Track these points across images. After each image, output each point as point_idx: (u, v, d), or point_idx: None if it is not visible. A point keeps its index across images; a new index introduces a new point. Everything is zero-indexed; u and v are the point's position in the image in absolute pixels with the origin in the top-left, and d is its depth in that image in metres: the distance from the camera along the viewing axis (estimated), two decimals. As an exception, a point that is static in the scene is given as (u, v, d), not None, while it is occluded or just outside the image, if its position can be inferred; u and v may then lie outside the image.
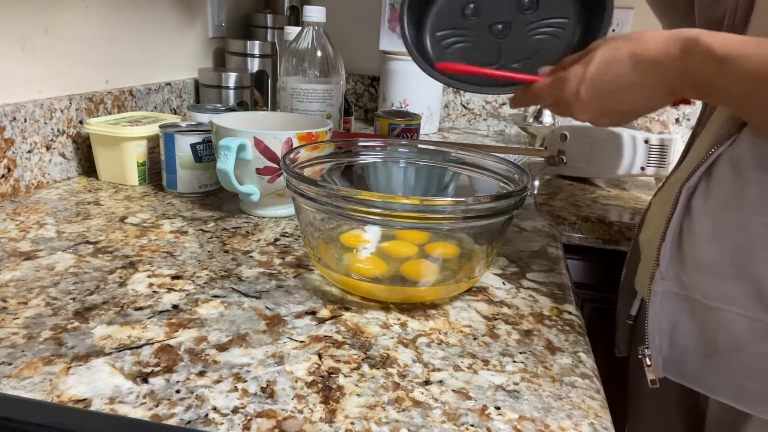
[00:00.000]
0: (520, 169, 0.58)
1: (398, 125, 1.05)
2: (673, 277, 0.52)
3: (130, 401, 0.38)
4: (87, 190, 0.78)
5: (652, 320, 0.52)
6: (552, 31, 0.69)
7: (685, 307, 0.51)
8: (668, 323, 0.52)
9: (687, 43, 0.45)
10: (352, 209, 0.49)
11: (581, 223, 0.83)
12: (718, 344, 0.49)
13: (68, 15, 0.82)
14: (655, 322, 0.52)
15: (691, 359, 0.51)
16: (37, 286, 0.52)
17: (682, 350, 0.52)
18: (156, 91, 1.01)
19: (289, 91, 0.93)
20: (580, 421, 0.40)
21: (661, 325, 0.52)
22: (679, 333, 0.52)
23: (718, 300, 0.48)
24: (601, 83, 0.50)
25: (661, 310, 0.52)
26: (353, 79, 1.56)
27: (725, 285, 0.48)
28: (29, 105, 0.74)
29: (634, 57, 0.48)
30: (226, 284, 0.55)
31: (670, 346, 0.52)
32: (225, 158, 0.65)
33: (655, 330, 0.52)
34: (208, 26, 1.21)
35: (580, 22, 0.68)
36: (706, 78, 0.45)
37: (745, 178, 0.47)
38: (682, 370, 0.52)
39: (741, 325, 0.47)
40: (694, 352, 0.51)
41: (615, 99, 0.51)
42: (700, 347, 0.51)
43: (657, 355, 0.53)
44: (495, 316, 0.53)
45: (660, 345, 0.53)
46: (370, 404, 0.40)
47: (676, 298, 0.51)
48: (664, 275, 0.52)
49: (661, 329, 0.52)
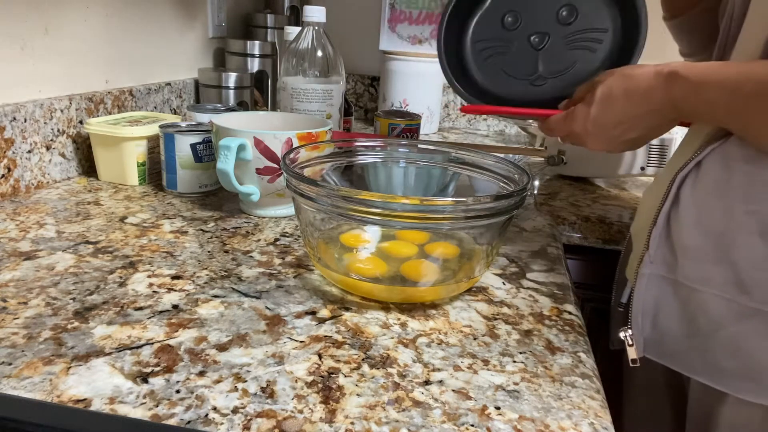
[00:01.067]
0: (520, 169, 0.58)
1: (398, 125, 1.05)
2: (660, 261, 0.54)
3: (130, 401, 0.38)
4: (87, 190, 0.78)
5: (636, 302, 0.55)
6: (589, 44, 0.70)
7: (669, 289, 0.54)
8: (652, 305, 0.54)
9: (669, 76, 0.51)
10: (352, 209, 0.49)
11: (581, 223, 0.83)
12: (698, 325, 0.51)
13: (68, 15, 0.82)
14: (639, 303, 0.55)
15: (672, 340, 0.54)
16: (37, 286, 0.52)
17: (663, 331, 0.54)
18: (156, 91, 1.01)
19: (289, 91, 0.93)
20: (580, 421, 0.40)
21: (645, 307, 0.55)
22: (661, 314, 0.54)
23: (700, 282, 0.51)
24: (604, 119, 0.56)
25: (646, 292, 0.54)
26: (353, 79, 1.56)
27: (707, 268, 0.50)
28: (29, 105, 0.74)
29: (627, 93, 0.54)
30: (226, 284, 0.55)
31: (652, 327, 0.55)
32: (225, 158, 0.65)
33: (638, 311, 0.55)
34: (208, 26, 1.21)
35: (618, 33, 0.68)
36: (690, 105, 0.51)
37: (732, 169, 0.50)
38: (662, 351, 0.55)
39: (719, 307, 0.50)
40: (675, 333, 0.53)
41: (620, 130, 0.56)
42: (681, 328, 0.53)
43: (639, 335, 0.55)
44: (495, 316, 0.53)
45: (642, 325, 0.55)
46: (370, 404, 0.40)
47: (662, 281, 0.54)
48: (653, 258, 0.54)
49: (645, 310, 0.55)
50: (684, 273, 0.52)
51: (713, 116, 0.50)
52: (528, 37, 0.72)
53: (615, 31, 0.68)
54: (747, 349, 0.48)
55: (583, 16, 0.70)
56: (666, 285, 0.54)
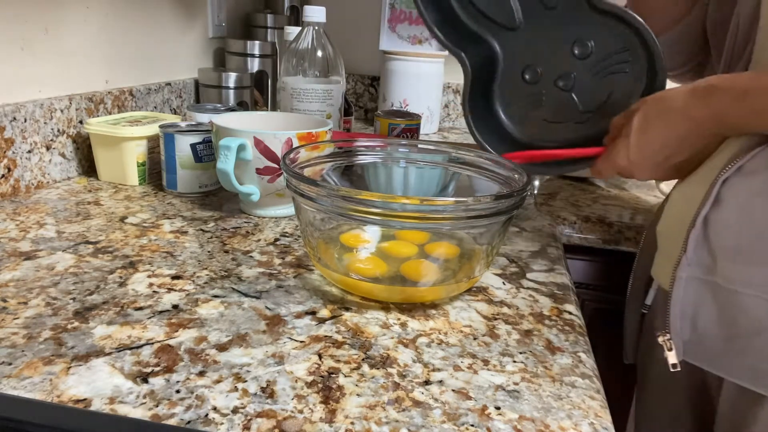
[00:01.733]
0: (520, 169, 0.58)
1: (398, 125, 1.05)
2: (697, 263, 0.53)
3: (130, 401, 0.38)
4: (87, 190, 0.78)
5: (674, 305, 0.54)
6: (619, 67, 0.70)
7: (708, 292, 0.53)
8: (691, 308, 0.54)
9: (706, 91, 0.51)
10: (352, 209, 0.49)
11: (581, 223, 0.83)
12: (738, 327, 0.51)
13: (68, 15, 0.82)
14: (677, 307, 0.54)
15: (711, 343, 0.53)
16: (37, 286, 0.52)
17: (702, 334, 0.53)
18: (156, 91, 1.01)
19: (289, 91, 0.93)
20: (580, 421, 0.40)
21: (684, 310, 0.54)
22: (700, 317, 0.53)
23: (741, 284, 0.50)
24: (645, 146, 0.56)
25: (684, 296, 0.54)
26: (353, 79, 1.56)
27: (748, 270, 0.50)
28: (29, 105, 0.74)
29: (663, 114, 0.54)
30: (226, 284, 0.55)
31: (691, 331, 0.54)
32: (225, 158, 0.65)
33: (677, 315, 0.54)
34: (208, 26, 1.21)
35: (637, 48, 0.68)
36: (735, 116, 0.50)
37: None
38: (701, 354, 0.54)
39: (761, 309, 0.49)
40: (715, 336, 0.52)
41: (664, 155, 0.56)
42: (721, 331, 0.52)
43: (678, 339, 0.54)
44: (495, 316, 0.53)
45: (681, 329, 0.54)
46: (370, 404, 0.40)
47: (700, 284, 0.53)
48: (690, 261, 0.53)
49: (684, 314, 0.54)
50: (724, 275, 0.51)
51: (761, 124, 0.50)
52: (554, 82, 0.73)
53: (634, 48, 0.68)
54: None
55: (598, 45, 0.70)
56: (704, 287, 0.53)
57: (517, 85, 0.74)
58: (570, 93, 0.72)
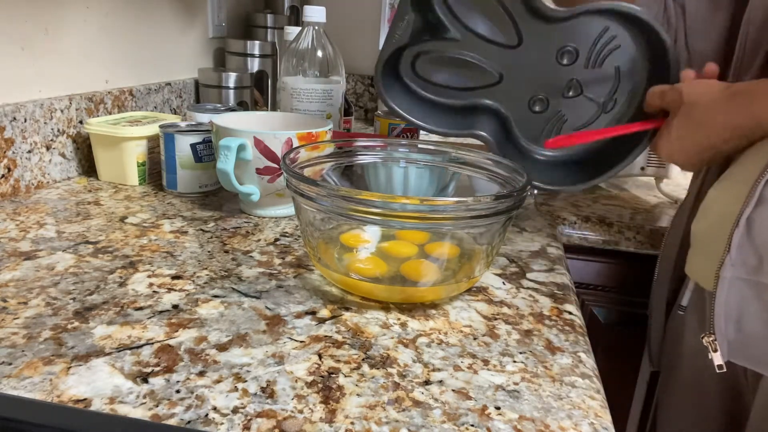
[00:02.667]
0: (520, 169, 0.58)
1: (398, 125, 1.05)
2: (741, 263, 0.53)
3: (130, 401, 0.38)
4: (87, 190, 0.78)
5: (718, 306, 0.54)
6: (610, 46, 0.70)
7: (752, 292, 0.53)
8: (736, 309, 0.53)
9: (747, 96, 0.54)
10: (352, 209, 0.49)
11: (581, 223, 0.83)
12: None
13: (68, 15, 0.82)
14: (721, 307, 0.54)
15: (758, 343, 0.53)
16: (37, 286, 0.52)
17: (748, 334, 0.53)
18: (156, 91, 1.01)
19: (289, 91, 0.93)
20: (580, 421, 0.40)
21: (728, 311, 0.54)
22: (746, 318, 0.53)
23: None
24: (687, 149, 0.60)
25: (729, 296, 0.53)
26: (353, 79, 1.56)
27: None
28: (29, 105, 0.74)
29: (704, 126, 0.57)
30: (226, 284, 0.55)
31: (736, 331, 0.54)
32: (225, 158, 0.65)
33: (721, 315, 0.54)
34: (208, 26, 1.21)
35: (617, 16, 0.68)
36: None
37: None
38: (747, 354, 0.54)
39: None
40: (762, 336, 0.52)
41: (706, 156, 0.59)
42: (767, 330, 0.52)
43: (722, 340, 0.54)
44: (495, 316, 0.53)
45: (726, 330, 0.54)
46: (370, 404, 0.40)
47: (745, 284, 0.53)
48: (734, 261, 0.53)
49: (728, 315, 0.54)
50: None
51: None
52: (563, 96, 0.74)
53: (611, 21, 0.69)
54: None
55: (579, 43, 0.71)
56: (749, 288, 0.53)
57: (534, 121, 0.75)
58: (582, 95, 0.73)
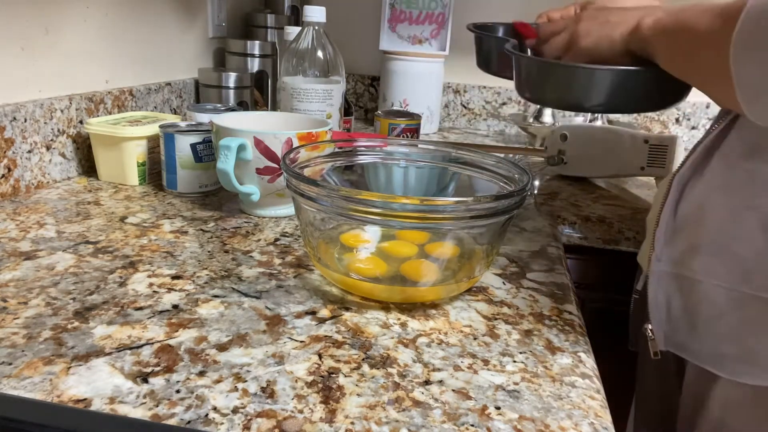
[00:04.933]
0: (520, 169, 0.58)
1: (398, 125, 1.05)
2: (666, 258, 0.56)
3: (130, 401, 0.38)
4: (87, 190, 0.78)
5: (651, 296, 0.57)
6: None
7: (676, 284, 0.56)
8: (664, 300, 0.57)
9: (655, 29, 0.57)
10: (352, 209, 0.49)
11: (581, 223, 0.83)
12: (701, 314, 0.53)
13: (68, 15, 0.82)
14: (653, 298, 0.57)
15: (681, 330, 0.56)
16: (37, 286, 0.52)
17: (674, 323, 0.56)
18: (156, 91, 1.01)
19: (289, 91, 0.93)
20: (580, 421, 0.40)
21: (658, 301, 0.57)
22: (672, 307, 0.56)
23: (703, 274, 0.53)
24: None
25: (657, 288, 0.57)
26: (353, 79, 1.56)
27: (710, 260, 0.52)
28: (29, 105, 0.74)
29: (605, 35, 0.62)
30: (226, 284, 0.55)
31: (667, 321, 0.57)
32: (225, 158, 0.65)
33: (654, 305, 0.57)
34: (208, 26, 1.21)
35: None
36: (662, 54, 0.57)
37: (734, 167, 0.52)
38: (676, 342, 0.57)
39: (721, 296, 0.52)
40: (683, 324, 0.55)
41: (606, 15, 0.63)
42: (687, 318, 0.55)
43: (658, 329, 0.57)
44: (495, 316, 0.53)
45: (659, 319, 0.57)
46: (370, 404, 0.40)
47: (669, 277, 0.56)
48: (659, 257, 0.57)
49: (659, 305, 0.57)
50: (689, 267, 0.54)
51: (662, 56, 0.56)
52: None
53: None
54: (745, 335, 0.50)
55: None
56: (672, 280, 0.56)
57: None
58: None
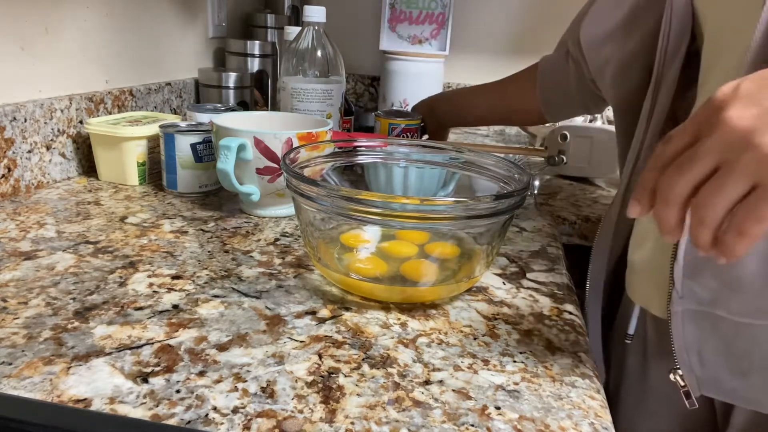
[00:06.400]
0: (520, 169, 0.58)
1: (398, 125, 1.05)
2: (690, 295, 0.49)
3: (130, 401, 0.38)
4: (87, 190, 0.78)
5: (677, 339, 0.51)
6: None
7: (707, 324, 0.49)
8: (694, 341, 0.50)
9: None
10: (352, 209, 0.49)
11: (581, 223, 0.83)
12: (753, 361, 0.47)
13: (68, 15, 0.82)
14: (680, 340, 0.51)
15: (726, 377, 0.49)
16: (37, 286, 0.52)
17: (713, 367, 0.50)
18: (156, 91, 1.01)
19: (289, 91, 0.93)
20: (580, 421, 0.40)
21: (687, 343, 0.50)
22: (706, 350, 0.50)
23: (747, 315, 0.47)
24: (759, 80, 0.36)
25: (684, 329, 0.50)
26: (353, 79, 1.56)
27: (753, 299, 0.46)
28: (29, 105, 0.74)
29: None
30: (226, 284, 0.55)
31: (701, 365, 0.50)
32: (225, 158, 0.65)
33: (682, 348, 0.50)
34: (208, 26, 1.21)
35: None
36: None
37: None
38: (721, 389, 0.50)
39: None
40: (729, 370, 0.49)
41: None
42: (733, 364, 0.49)
43: (689, 373, 0.51)
44: (495, 316, 0.53)
45: (691, 363, 0.51)
46: (370, 404, 0.40)
47: (697, 316, 0.50)
48: (681, 294, 0.50)
49: (689, 347, 0.50)
50: (726, 307, 0.48)
51: None
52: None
53: None
54: None
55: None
56: (703, 319, 0.49)
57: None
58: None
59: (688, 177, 0.34)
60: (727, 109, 0.33)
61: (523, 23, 1.48)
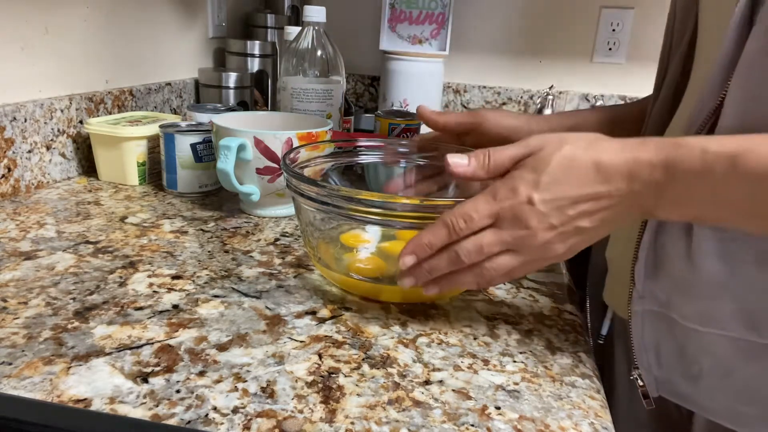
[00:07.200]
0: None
1: (398, 125, 1.05)
2: (650, 295, 0.49)
3: (130, 401, 0.38)
4: (87, 190, 0.78)
5: (636, 338, 0.50)
6: None
7: (665, 326, 0.48)
8: (652, 342, 0.50)
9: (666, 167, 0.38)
10: (352, 209, 0.49)
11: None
12: (702, 367, 0.47)
13: (68, 15, 0.82)
14: (639, 340, 0.50)
15: (680, 380, 0.49)
16: (38, 286, 0.52)
17: (668, 369, 0.49)
18: (156, 91, 1.01)
19: (289, 91, 0.93)
20: (580, 421, 0.40)
21: (645, 344, 0.50)
22: (663, 352, 0.49)
23: (696, 321, 0.45)
24: (561, 190, 0.40)
25: (643, 329, 0.49)
26: (353, 79, 1.56)
27: (703, 305, 0.45)
28: (29, 105, 0.74)
29: (597, 166, 0.39)
30: (226, 284, 0.55)
31: (658, 366, 0.50)
32: (225, 158, 0.65)
33: (641, 349, 0.50)
34: (208, 26, 1.21)
35: None
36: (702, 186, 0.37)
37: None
38: (675, 391, 0.50)
39: (725, 347, 0.44)
40: (681, 373, 0.49)
41: (576, 212, 0.40)
42: (686, 369, 0.48)
43: (648, 374, 0.50)
44: (495, 316, 0.53)
45: (649, 363, 0.50)
46: (370, 404, 0.40)
47: (656, 317, 0.49)
48: (641, 294, 0.49)
49: (647, 347, 0.50)
50: (679, 311, 0.47)
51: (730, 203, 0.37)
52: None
53: None
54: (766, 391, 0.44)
55: None
56: (661, 321, 0.49)
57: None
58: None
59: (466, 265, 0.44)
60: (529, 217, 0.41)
61: (523, 23, 1.48)
